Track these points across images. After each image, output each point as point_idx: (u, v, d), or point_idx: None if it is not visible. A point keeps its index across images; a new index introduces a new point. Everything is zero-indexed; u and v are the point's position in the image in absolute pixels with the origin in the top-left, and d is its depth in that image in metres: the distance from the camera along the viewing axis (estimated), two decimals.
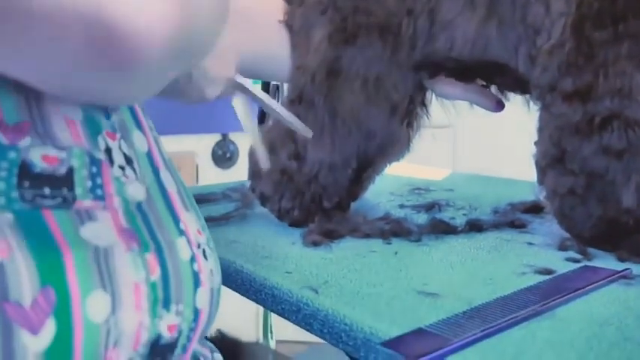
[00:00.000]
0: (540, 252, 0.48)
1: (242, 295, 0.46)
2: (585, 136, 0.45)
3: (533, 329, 0.33)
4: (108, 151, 0.31)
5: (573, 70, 0.45)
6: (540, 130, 0.49)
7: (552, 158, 0.47)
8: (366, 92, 0.52)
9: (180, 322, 0.32)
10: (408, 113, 0.55)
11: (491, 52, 0.51)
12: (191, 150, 1.71)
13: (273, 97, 0.82)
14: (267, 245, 0.50)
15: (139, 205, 0.31)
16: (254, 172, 0.56)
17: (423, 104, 0.64)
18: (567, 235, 0.49)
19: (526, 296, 0.38)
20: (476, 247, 0.50)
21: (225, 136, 1.75)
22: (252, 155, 0.57)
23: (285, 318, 0.41)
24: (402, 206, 0.65)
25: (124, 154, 0.32)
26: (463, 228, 0.54)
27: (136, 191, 0.31)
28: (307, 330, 0.39)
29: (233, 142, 1.76)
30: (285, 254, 0.48)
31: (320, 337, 0.38)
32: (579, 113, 0.45)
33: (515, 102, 0.57)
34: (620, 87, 0.43)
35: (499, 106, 0.57)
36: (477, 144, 1.42)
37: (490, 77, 0.55)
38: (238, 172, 1.66)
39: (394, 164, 0.62)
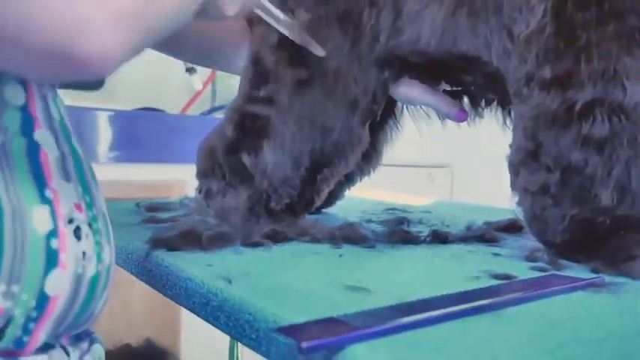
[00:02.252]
0: (505, 261, 0.42)
1: (159, 291, 0.41)
2: (563, 127, 0.40)
3: (467, 325, 0.27)
4: None
5: (553, 56, 0.41)
6: (515, 127, 0.44)
7: (526, 154, 0.42)
8: (323, 85, 0.48)
9: (9, 307, 0.26)
10: (370, 112, 0.51)
11: (461, 45, 0.47)
12: (180, 179, 1.68)
13: None
14: None
15: None
16: (201, 170, 0.52)
17: (393, 113, 0.60)
18: (540, 246, 0.43)
19: (471, 295, 0.32)
20: (433, 254, 0.44)
21: None
22: (199, 153, 0.52)
23: (196, 313, 0.35)
24: (369, 221, 0.59)
25: None
26: (425, 238, 0.49)
27: None
28: (215, 325, 0.33)
29: None
30: (216, 251, 0.43)
31: (226, 332, 0.32)
32: (558, 101, 0.40)
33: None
34: (604, 70, 0.38)
35: (461, 114, 0.52)
36: (476, 183, 1.36)
37: (460, 76, 0.51)
38: None
39: (377, 192, 0.57)
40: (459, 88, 0.53)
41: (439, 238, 0.49)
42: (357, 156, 0.52)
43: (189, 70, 1.86)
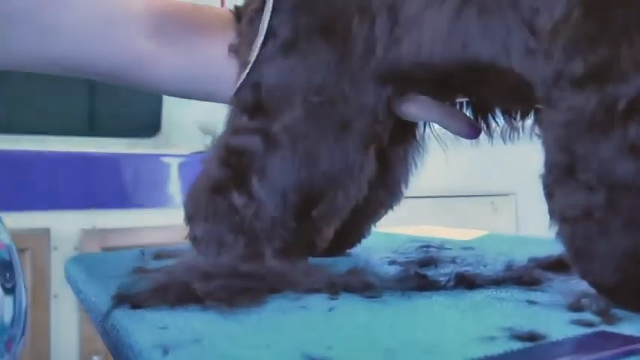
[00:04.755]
0: (539, 312, 0.33)
1: (112, 356, 0.34)
2: (604, 131, 0.31)
3: None
4: None
5: (584, 44, 0.32)
6: (545, 139, 0.35)
7: (560, 170, 0.33)
8: (305, 106, 0.41)
9: None
10: (371, 135, 0.43)
11: (472, 51, 0.39)
12: None
13: None
14: None
15: None
16: (186, 215, 0.46)
17: (412, 134, 0.51)
18: (588, 289, 0.34)
19: None
20: (450, 305, 0.35)
21: None
22: (186, 195, 0.47)
23: None
24: (392, 263, 0.51)
25: None
26: (446, 283, 0.40)
27: None
28: None
29: None
30: (182, 310, 0.36)
31: None
32: (594, 100, 0.31)
33: None
34: None
35: (473, 130, 0.44)
36: (544, 211, 1.23)
37: (475, 88, 0.42)
38: None
39: (422, 227, 0.49)
40: (480, 99, 0.44)
41: (465, 282, 0.40)
42: (360, 187, 0.44)
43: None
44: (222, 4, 1.55)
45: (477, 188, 1.30)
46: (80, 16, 0.47)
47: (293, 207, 0.42)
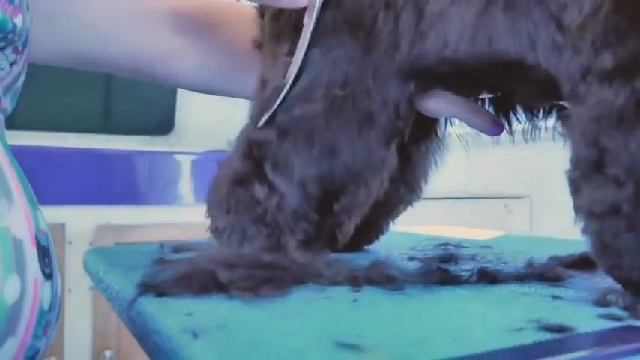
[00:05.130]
0: (565, 306, 0.32)
1: (140, 345, 0.35)
2: (632, 125, 0.31)
3: None
4: None
5: (613, 38, 0.32)
6: (572, 134, 0.35)
7: (587, 165, 0.33)
8: (328, 99, 0.41)
9: None
10: (394, 130, 0.43)
11: (499, 47, 0.39)
12: None
13: None
14: None
15: None
16: (208, 207, 0.46)
17: (433, 132, 0.52)
18: (615, 286, 0.33)
19: (503, 355, 0.23)
20: (474, 298, 0.35)
21: None
22: (208, 188, 0.47)
23: None
24: (411, 259, 0.51)
25: None
26: (469, 278, 0.40)
27: None
28: None
29: None
30: (206, 298, 0.36)
31: None
32: (624, 94, 0.31)
33: None
34: None
35: (496, 126, 0.44)
36: (559, 215, 1.22)
37: (499, 83, 0.42)
38: None
39: (437, 227, 0.49)
40: (504, 96, 0.44)
41: (487, 277, 0.40)
42: (382, 181, 0.44)
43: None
44: None
45: (490, 190, 1.30)
46: (111, 13, 0.48)
47: (315, 200, 0.42)
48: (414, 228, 0.81)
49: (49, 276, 0.29)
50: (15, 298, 0.27)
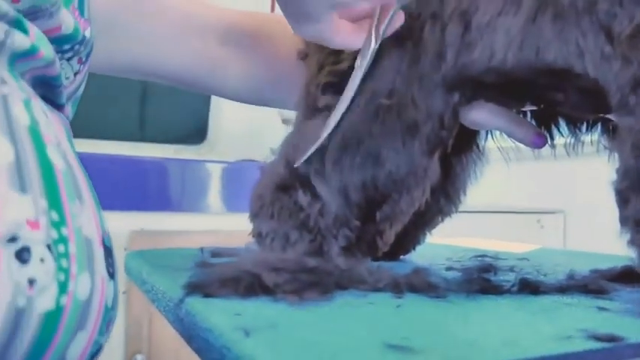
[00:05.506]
0: (613, 318, 0.32)
1: (188, 344, 0.36)
2: None
3: None
4: None
5: None
6: (621, 146, 0.35)
7: (637, 175, 0.33)
8: (374, 107, 0.42)
9: None
10: (437, 140, 0.43)
11: (546, 56, 0.39)
12: None
13: None
14: None
15: None
16: (252, 212, 0.47)
17: (475, 143, 0.52)
18: None
19: None
20: (518, 307, 0.35)
21: None
22: (252, 193, 0.48)
23: None
24: (449, 269, 0.51)
25: None
26: (511, 288, 0.40)
27: None
28: None
29: None
30: (253, 299, 0.37)
31: None
32: None
33: None
34: None
35: (539, 138, 0.44)
36: (592, 231, 1.20)
37: (547, 95, 0.43)
38: None
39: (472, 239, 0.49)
40: (547, 108, 0.44)
41: (529, 287, 0.40)
42: (424, 191, 0.45)
43: (285, 122, 1.89)
44: (272, 9, 1.57)
45: (523, 205, 1.29)
46: (164, 25, 0.50)
47: (357, 207, 0.42)
48: (448, 240, 0.81)
49: (112, 275, 0.31)
50: (87, 295, 0.28)
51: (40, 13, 0.32)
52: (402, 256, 0.58)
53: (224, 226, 1.52)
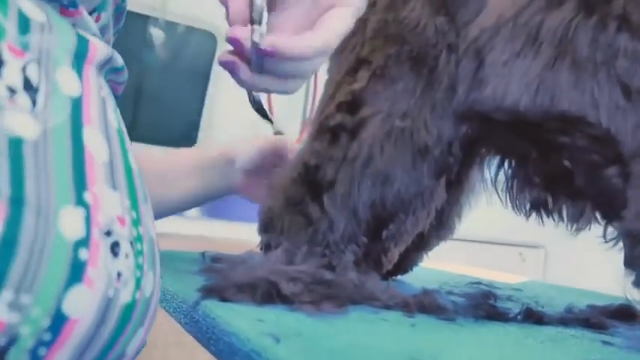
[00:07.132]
0: (619, 352, 0.34)
1: (204, 346, 0.36)
2: None
3: None
4: None
5: None
6: (634, 190, 0.37)
7: None
8: (387, 127, 0.43)
9: (15, 322, 0.22)
10: (444, 165, 0.45)
11: (561, 103, 0.41)
12: None
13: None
14: None
15: (16, 142, 0.24)
16: (261, 225, 0.48)
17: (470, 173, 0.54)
18: None
19: None
20: (526, 334, 0.37)
21: None
22: (261, 206, 0.49)
23: None
24: (449, 293, 0.52)
25: (26, 78, 0.25)
26: (516, 316, 0.41)
27: (21, 125, 0.24)
28: None
29: None
30: (270, 307, 0.38)
31: None
32: None
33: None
34: None
35: None
36: (573, 267, 1.23)
37: (555, 137, 0.44)
38: None
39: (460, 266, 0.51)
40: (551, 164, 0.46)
41: (533, 317, 0.41)
42: (429, 213, 0.46)
43: (278, 133, 1.89)
44: (315, 88, 1.35)
45: (506, 237, 1.32)
46: (165, 166, 0.67)
47: (365, 223, 0.44)
48: (434, 264, 0.83)
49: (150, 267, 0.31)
50: (150, 292, 0.29)
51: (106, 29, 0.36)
52: (399, 276, 0.60)
53: (200, 231, 1.52)
